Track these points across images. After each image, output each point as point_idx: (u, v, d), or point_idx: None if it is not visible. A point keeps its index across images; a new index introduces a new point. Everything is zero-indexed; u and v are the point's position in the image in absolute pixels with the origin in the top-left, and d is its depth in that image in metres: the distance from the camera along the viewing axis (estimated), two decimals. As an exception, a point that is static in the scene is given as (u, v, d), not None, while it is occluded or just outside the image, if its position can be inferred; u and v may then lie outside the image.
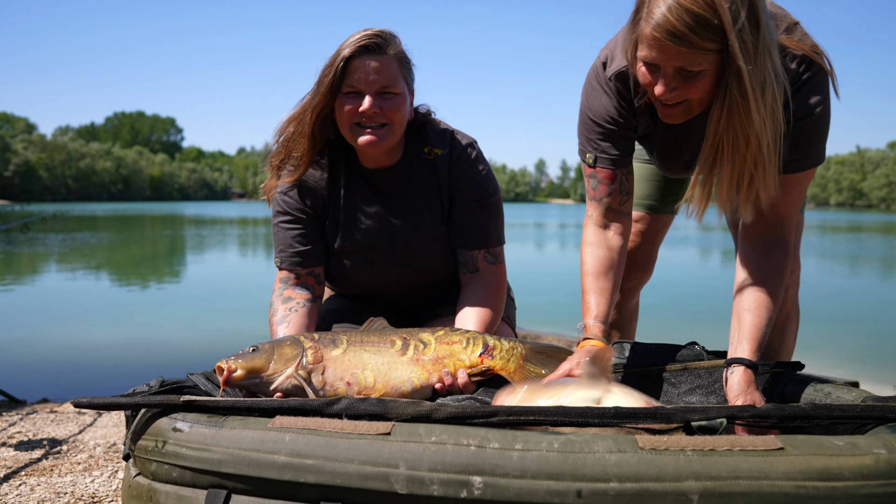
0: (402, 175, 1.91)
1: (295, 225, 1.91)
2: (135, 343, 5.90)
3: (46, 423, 3.01)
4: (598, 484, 0.95)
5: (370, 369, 1.57)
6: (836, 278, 11.96)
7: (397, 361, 1.59)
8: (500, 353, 1.64)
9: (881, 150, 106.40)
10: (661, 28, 1.38)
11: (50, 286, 9.98)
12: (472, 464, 0.99)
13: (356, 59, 1.72)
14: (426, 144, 1.91)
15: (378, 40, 1.73)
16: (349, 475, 1.02)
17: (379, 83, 1.73)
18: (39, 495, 2.08)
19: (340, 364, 1.56)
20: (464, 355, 1.63)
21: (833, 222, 42.51)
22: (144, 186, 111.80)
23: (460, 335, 1.66)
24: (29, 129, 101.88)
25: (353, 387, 1.55)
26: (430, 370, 1.59)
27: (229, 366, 1.49)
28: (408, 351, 1.60)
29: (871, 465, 0.96)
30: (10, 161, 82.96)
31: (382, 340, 1.61)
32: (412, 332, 1.65)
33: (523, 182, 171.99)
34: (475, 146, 1.95)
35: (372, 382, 1.56)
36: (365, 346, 1.59)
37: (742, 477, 0.94)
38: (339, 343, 1.59)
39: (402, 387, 1.57)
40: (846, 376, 1.85)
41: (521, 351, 1.65)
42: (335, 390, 1.55)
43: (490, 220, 1.95)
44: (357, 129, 1.77)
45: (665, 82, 1.46)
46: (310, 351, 1.55)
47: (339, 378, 1.55)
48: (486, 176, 1.93)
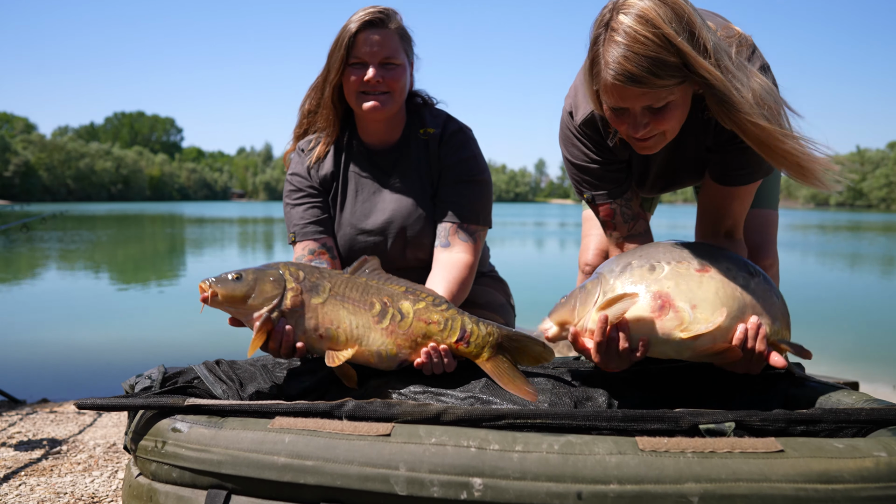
0: (399, 154, 2.01)
1: (305, 199, 2.02)
2: (135, 343, 5.90)
3: (46, 423, 3.01)
4: (599, 486, 0.95)
5: (343, 329, 1.56)
6: (835, 278, 11.96)
7: (371, 328, 1.57)
8: (476, 341, 1.61)
9: (881, 150, 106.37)
10: (619, 76, 1.39)
11: (50, 286, 9.98)
12: (472, 465, 0.99)
13: (361, 33, 1.86)
14: (423, 126, 2.01)
15: (381, 15, 1.88)
16: (349, 476, 1.02)
17: (381, 54, 1.87)
18: (39, 495, 2.08)
19: (318, 314, 1.55)
20: (439, 337, 1.60)
21: (833, 222, 42.54)
22: (144, 186, 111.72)
23: (440, 314, 1.62)
24: (29, 129, 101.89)
25: (326, 341, 1.55)
26: (400, 344, 1.58)
27: (211, 290, 1.50)
28: (384, 319, 1.58)
29: (872, 467, 0.96)
30: (9, 161, 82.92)
31: (363, 300, 1.59)
32: (395, 295, 1.62)
33: (523, 182, 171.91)
34: (467, 131, 2.03)
35: (343, 342, 1.55)
36: (344, 303, 1.58)
37: (742, 479, 0.94)
38: (321, 291, 1.57)
39: (369, 355, 1.56)
40: (846, 376, 1.85)
41: (497, 339, 1.62)
42: (308, 339, 1.55)
43: (470, 196, 1.97)
44: (362, 97, 1.90)
45: (636, 122, 1.48)
46: (290, 294, 1.54)
47: (313, 329, 1.55)
48: (473, 156, 2.00)
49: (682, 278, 1.45)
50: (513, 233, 26.02)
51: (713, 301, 1.43)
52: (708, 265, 1.47)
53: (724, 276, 1.46)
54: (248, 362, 1.67)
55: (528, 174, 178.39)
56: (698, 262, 1.48)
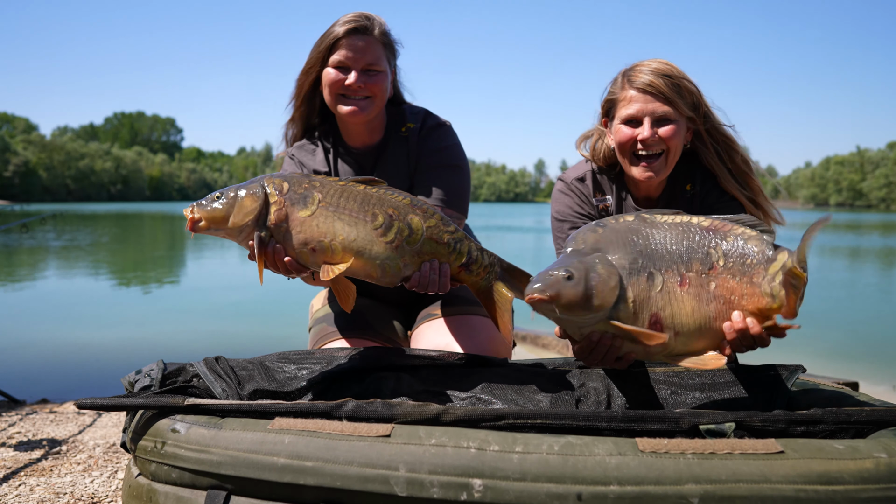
0: (381, 153, 2.03)
1: None
2: (135, 343, 5.90)
3: (46, 424, 3.01)
4: (599, 487, 0.95)
5: (340, 241, 1.45)
6: (835, 279, 11.95)
7: (374, 241, 1.47)
8: (478, 270, 1.59)
9: (881, 151, 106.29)
10: (644, 84, 1.83)
11: (50, 286, 9.97)
12: (472, 466, 0.99)
13: (346, 38, 1.88)
14: (403, 124, 2.04)
15: (366, 22, 1.90)
16: (349, 477, 1.02)
17: (364, 61, 1.90)
18: (39, 495, 2.08)
19: (307, 228, 1.45)
20: (444, 259, 1.55)
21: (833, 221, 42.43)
22: (144, 187, 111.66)
23: (450, 235, 1.56)
24: (29, 129, 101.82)
25: (319, 254, 1.45)
26: (407, 261, 1.51)
27: (191, 216, 1.44)
28: (389, 232, 1.49)
29: (872, 468, 0.96)
30: (9, 161, 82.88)
31: (363, 211, 1.48)
32: (400, 208, 1.53)
33: (523, 182, 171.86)
34: (447, 125, 2.05)
35: (340, 255, 1.45)
36: (340, 214, 1.47)
37: (742, 480, 0.94)
38: (309, 202, 1.47)
39: (371, 269, 1.48)
40: (846, 376, 1.85)
41: (497, 270, 1.62)
42: (299, 256, 1.46)
43: (447, 181, 1.97)
44: (342, 100, 1.93)
45: (649, 126, 1.84)
46: (273, 207, 1.45)
47: (302, 243, 1.45)
48: (451, 146, 2.02)
49: (672, 297, 1.33)
50: (513, 232, 26.02)
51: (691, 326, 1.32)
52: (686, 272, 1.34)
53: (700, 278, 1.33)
54: (248, 361, 1.66)
55: (528, 174, 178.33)
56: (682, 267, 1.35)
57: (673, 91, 1.83)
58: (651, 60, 1.88)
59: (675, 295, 1.32)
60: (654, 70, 1.84)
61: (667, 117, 1.84)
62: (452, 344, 1.89)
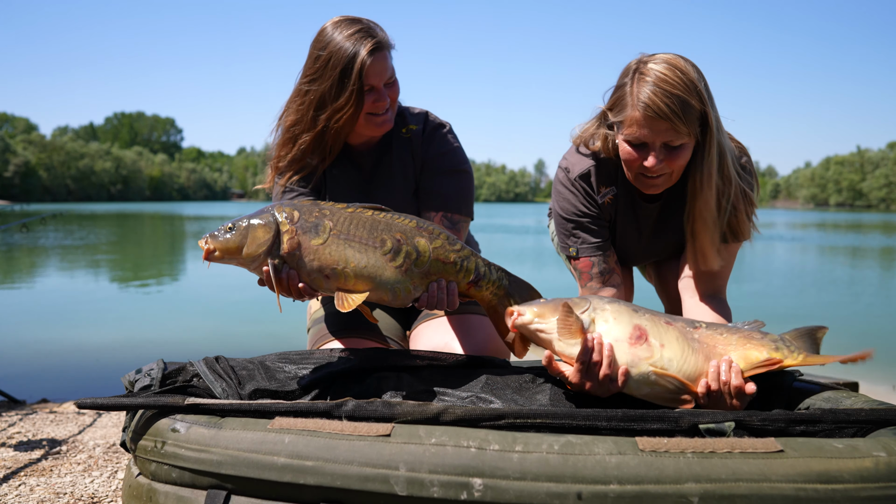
0: (382, 153, 2.02)
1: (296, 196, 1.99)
2: (135, 343, 5.90)
3: (46, 424, 3.01)
4: (599, 486, 0.95)
5: (352, 269, 1.50)
6: (835, 279, 11.96)
7: (384, 266, 1.52)
8: (486, 285, 1.62)
9: (881, 151, 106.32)
10: (650, 109, 1.65)
11: (50, 286, 9.97)
12: (472, 465, 0.99)
13: (372, 64, 1.82)
14: (405, 125, 2.03)
15: (379, 39, 1.84)
16: (349, 477, 1.02)
17: (386, 76, 1.87)
18: (39, 495, 2.08)
19: (320, 256, 1.49)
20: (452, 278, 1.59)
21: (833, 221, 42.52)
22: (144, 187, 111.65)
23: (456, 254, 1.60)
24: (29, 129, 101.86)
25: (332, 280, 1.50)
26: (416, 283, 1.55)
27: (208, 246, 1.47)
28: (398, 257, 1.53)
29: (871, 467, 0.96)
30: (9, 161, 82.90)
31: (372, 238, 1.52)
32: (407, 232, 1.56)
33: (523, 182, 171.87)
34: (448, 126, 2.05)
35: (353, 282, 1.50)
36: (350, 242, 1.51)
37: (742, 479, 0.94)
38: (321, 230, 1.50)
39: (383, 294, 1.52)
40: (846, 376, 1.85)
41: (505, 284, 1.64)
42: (312, 282, 1.50)
43: (453, 186, 1.99)
44: (372, 119, 1.89)
45: (655, 155, 1.71)
46: (285, 237, 1.49)
47: (317, 270, 1.49)
48: (455, 149, 2.02)
49: (655, 323, 1.48)
50: (513, 232, 26.02)
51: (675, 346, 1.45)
52: (672, 320, 1.51)
53: (686, 326, 1.50)
54: (248, 360, 1.66)
55: (528, 174, 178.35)
56: (668, 317, 1.53)
57: (681, 112, 1.64)
58: (662, 63, 1.68)
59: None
60: (662, 84, 1.64)
61: (673, 144, 1.70)
62: (452, 342, 1.89)
